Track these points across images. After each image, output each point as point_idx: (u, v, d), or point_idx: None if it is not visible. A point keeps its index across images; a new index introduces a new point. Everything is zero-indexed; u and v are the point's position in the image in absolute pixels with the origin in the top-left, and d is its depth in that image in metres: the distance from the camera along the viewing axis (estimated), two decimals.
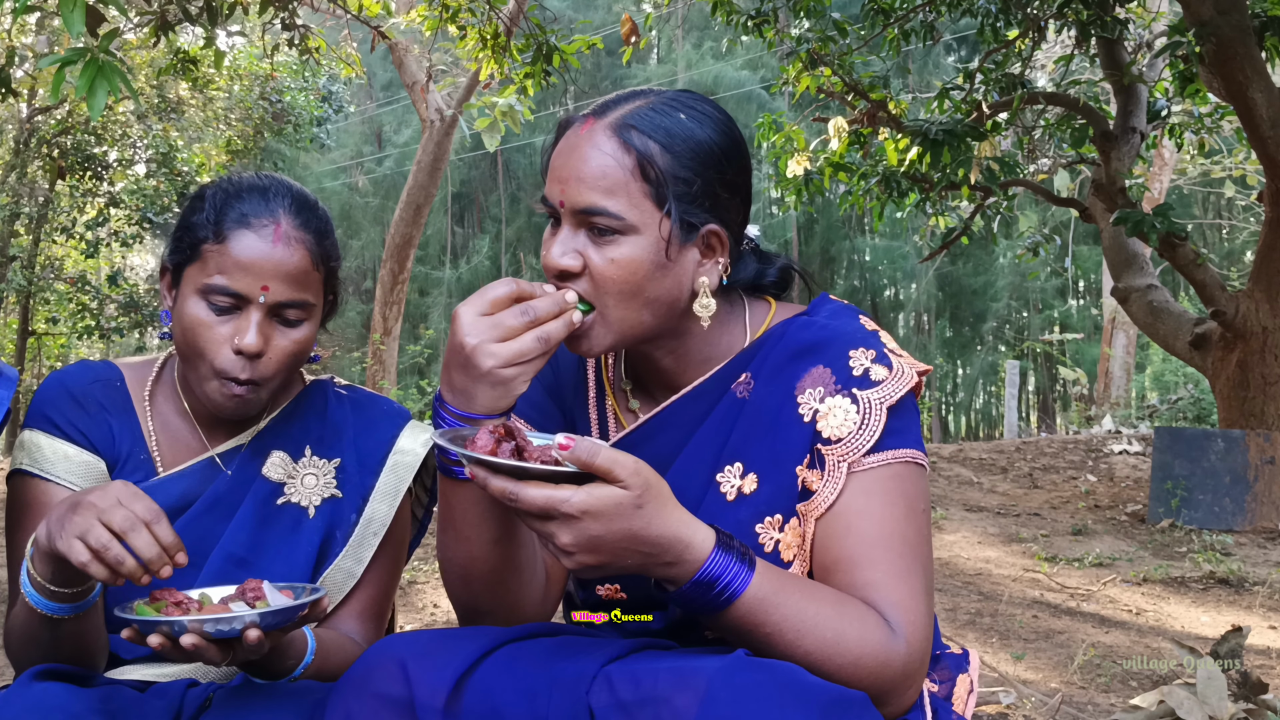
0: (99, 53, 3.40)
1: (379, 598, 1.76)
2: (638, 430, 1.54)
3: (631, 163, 1.37)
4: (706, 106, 1.46)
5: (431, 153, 13.79)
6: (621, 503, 1.16)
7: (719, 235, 1.44)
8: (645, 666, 1.22)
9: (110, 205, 14.23)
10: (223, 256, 1.58)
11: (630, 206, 1.37)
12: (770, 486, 1.42)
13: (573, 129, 1.42)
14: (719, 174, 1.42)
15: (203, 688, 1.51)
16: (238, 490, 1.69)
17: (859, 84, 7.71)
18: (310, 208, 1.67)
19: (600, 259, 1.37)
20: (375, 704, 1.24)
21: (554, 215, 1.43)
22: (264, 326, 1.59)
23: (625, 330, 1.41)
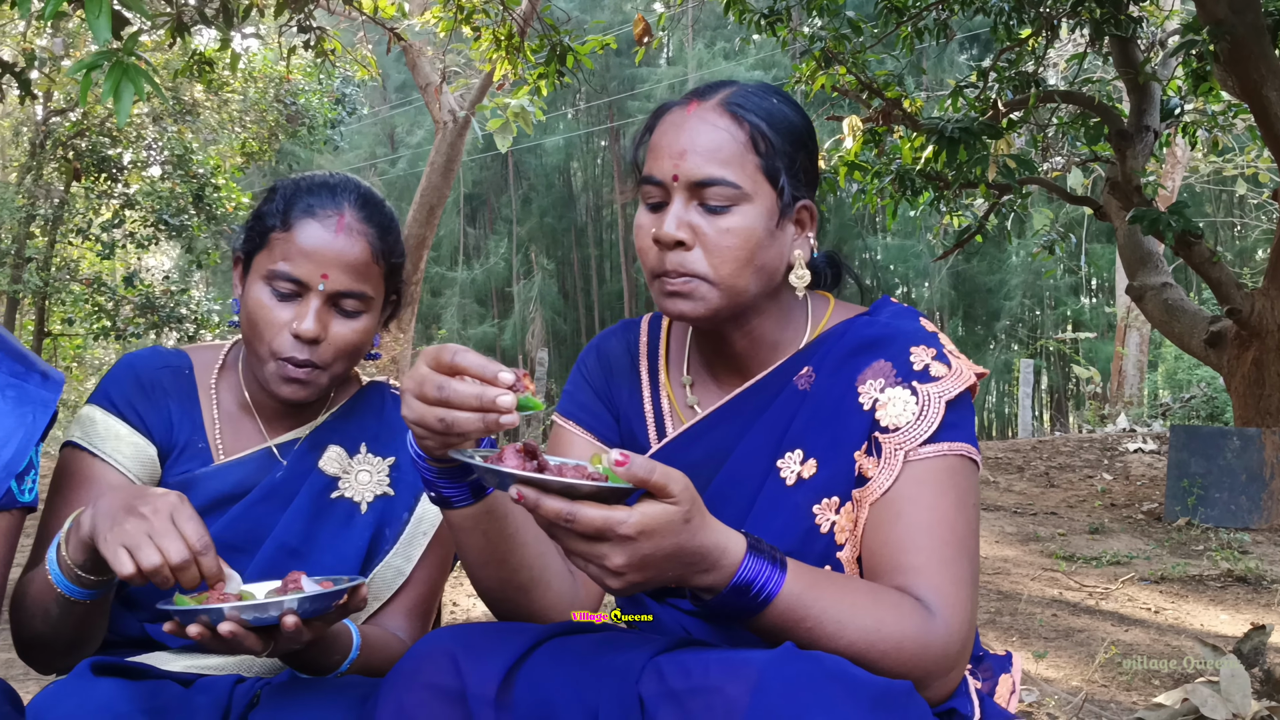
0: (124, 55, 3.43)
1: (426, 596, 1.79)
2: (698, 424, 1.58)
3: (745, 136, 1.46)
4: (788, 96, 1.56)
5: (445, 154, 13.83)
6: (673, 519, 1.17)
7: (810, 211, 1.54)
8: (694, 657, 1.24)
9: (126, 207, 14.31)
10: (288, 244, 1.64)
11: (745, 177, 1.45)
12: (828, 470, 1.46)
13: (675, 111, 1.50)
14: (807, 154, 1.52)
15: (250, 683, 1.53)
16: (294, 481, 1.73)
17: (874, 82, 7.71)
18: (375, 204, 1.72)
19: (714, 230, 1.45)
20: (427, 695, 1.26)
21: (657, 194, 1.48)
22: (322, 314, 1.64)
23: (731, 297, 1.47)
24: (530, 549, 1.45)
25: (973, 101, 8.17)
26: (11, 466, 1.47)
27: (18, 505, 1.51)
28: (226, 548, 1.64)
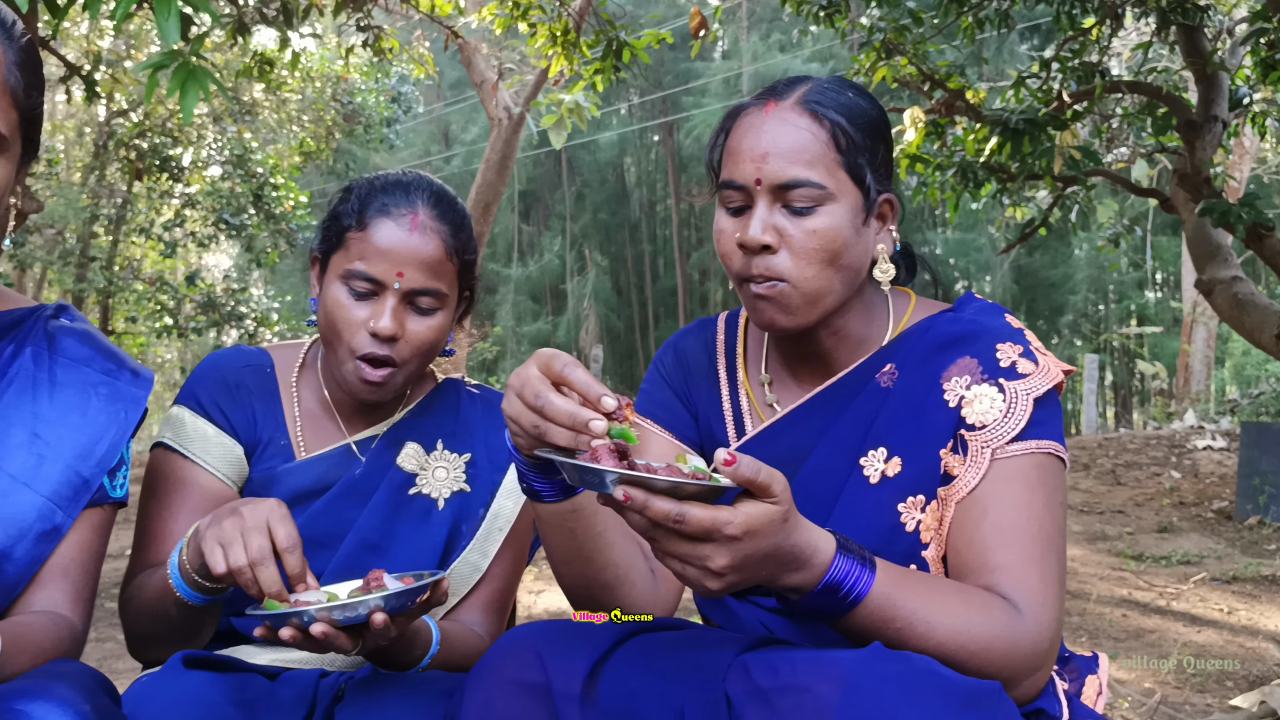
0: (190, 56, 3.46)
1: (502, 592, 1.80)
2: (779, 421, 1.57)
3: (826, 134, 1.44)
4: (859, 86, 1.54)
5: (500, 151, 13.87)
6: (774, 519, 1.16)
7: (892, 203, 1.53)
8: (781, 655, 1.23)
9: (187, 206, 14.53)
10: (364, 243, 1.66)
11: (829, 176, 1.43)
12: (913, 468, 1.44)
13: (752, 112, 1.49)
14: (886, 147, 1.50)
15: (334, 677, 1.55)
16: (373, 478, 1.75)
17: (935, 73, 7.60)
18: (448, 201, 1.73)
19: (800, 231, 1.43)
20: (512, 690, 1.26)
21: (739, 199, 1.47)
22: (398, 312, 1.66)
23: (820, 298, 1.46)
24: (617, 548, 1.44)
25: (1035, 92, 8.02)
26: (105, 463, 1.50)
27: (110, 500, 1.53)
28: (309, 543, 1.67)
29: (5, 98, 1.33)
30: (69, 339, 1.55)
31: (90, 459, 1.48)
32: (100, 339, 1.58)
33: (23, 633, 1.31)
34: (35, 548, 1.42)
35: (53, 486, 1.44)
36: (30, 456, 1.44)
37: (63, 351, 1.53)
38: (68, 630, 1.41)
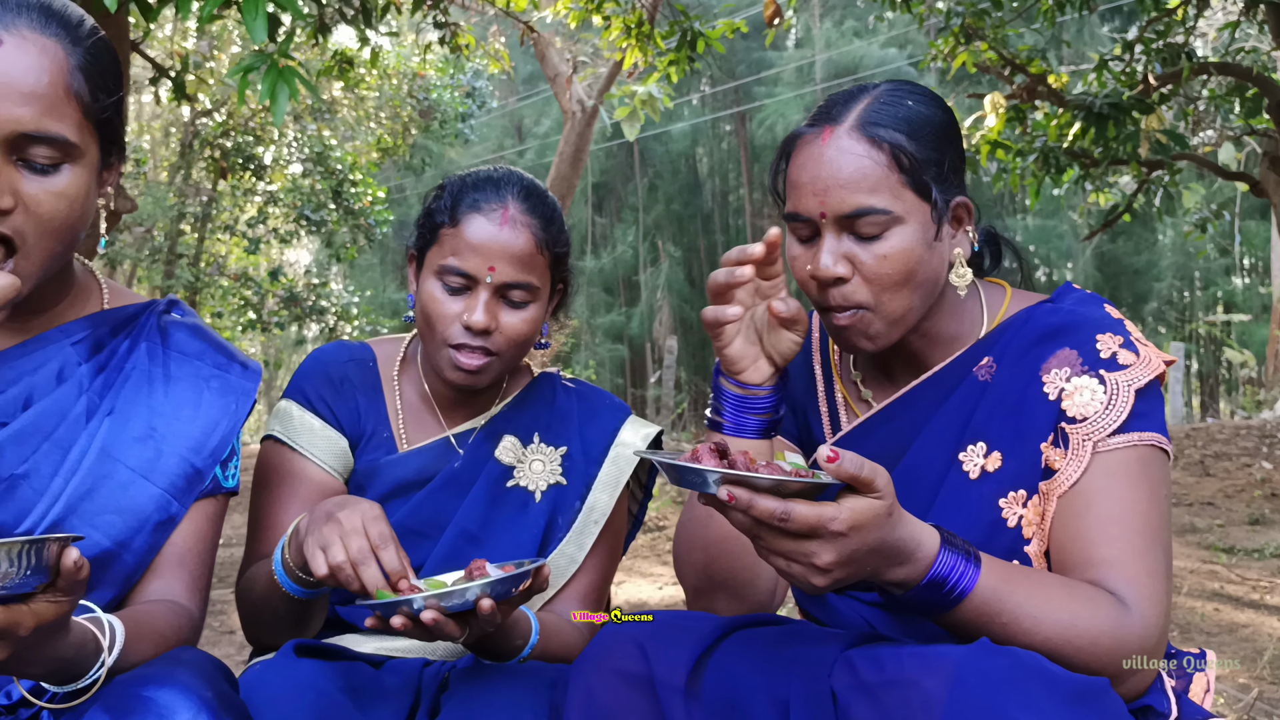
0: (279, 57, 3.54)
1: (598, 584, 1.83)
2: (875, 416, 1.57)
3: (886, 157, 1.41)
4: (922, 89, 1.51)
5: (573, 143, 13.93)
6: (879, 513, 1.16)
7: (966, 206, 1.50)
8: (887, 651, 1.23)
9: (269, 204, 14.82)
10: (456, 239, 1.69)
11: (894, 199, 1.41)
12: (1014, 463, 1.43)
13: (809, 141, 1.46)
14: (953, 148, 1.48)
15: (437, 666, 1.58)
16: (472, 470, 1.79)
17: (1016, 58, 7.48)
18: (538, 196, 1.75)
19: (871, 258, 1.42)
20: (615, 680, 1.28)
21: (805, 229, 1.46)
22: (491, 305, 1.69)
23: (901, 318, 1.45)
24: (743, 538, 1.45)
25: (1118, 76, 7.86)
26: (217, 453, 1.54)
27: (223, 490, 1.58)
28: (411, 533, 1.72)
29: (71, 103, 1.32)
30: (181, 333, 1.59)
31: (203, 451, 1.53)
32: (210, 333, 1.63)
33: (144, 620, 1.35)
34: (152, 537, 1.47)
35: (169, 478, 1.49)
36: (147, 449, 1.48)
37: (175, 346, 1.57)
38: (186, 618, 1.46)
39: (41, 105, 1.29)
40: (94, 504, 1.43)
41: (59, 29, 1.33)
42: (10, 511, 1.39)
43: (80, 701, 1.21)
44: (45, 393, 1.45)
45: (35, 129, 1.28)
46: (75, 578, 1.09)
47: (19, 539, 1.05)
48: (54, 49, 1.31)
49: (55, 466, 1.43)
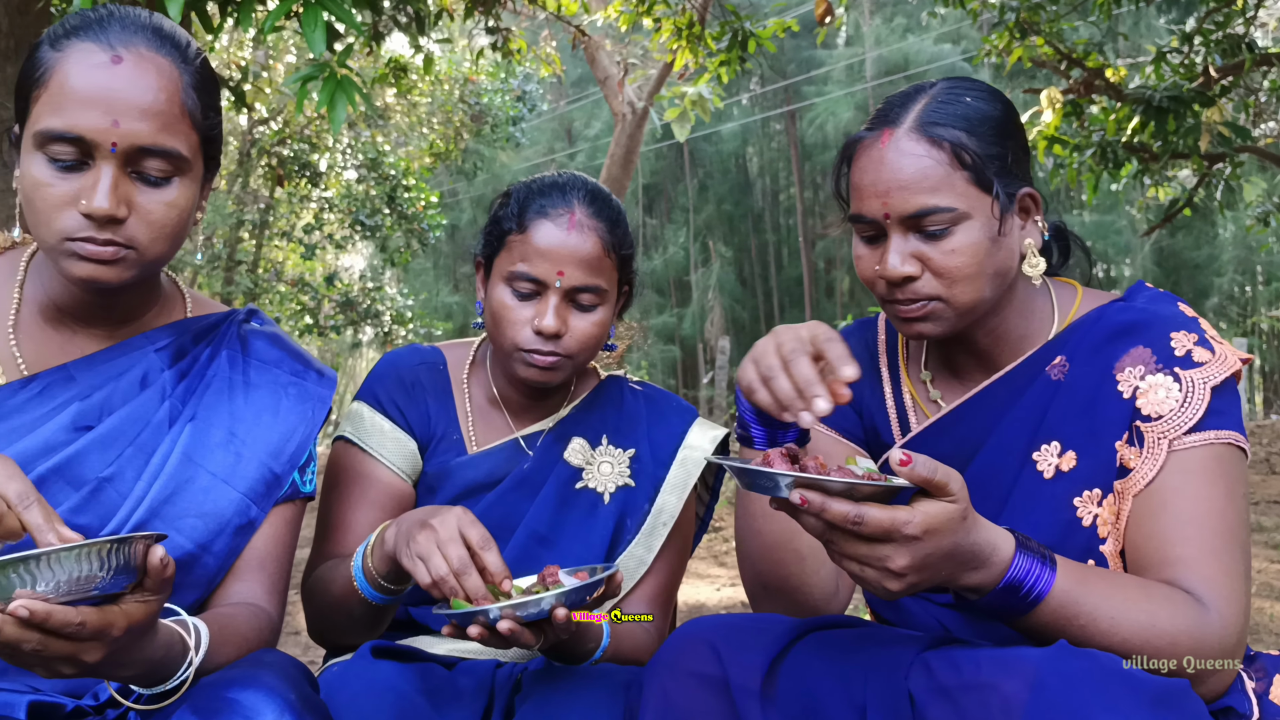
0: (337, 68, 3.59)
1: (667, 585, 1.84)
2: (945, 417, 1.57)
3: (947, 156, 1.42)
4: (978, 84, 1.51)
5: (624, 145, 13.95)
6: (953, 517, 1.16)
7: (1032, 196, 1.50)
8: (964, 653, 1.23)
9: (325, 210, 15.00)
10: (525, 245, 1.72)
11: (958, 197, 1.41)
12: (1089, 462, 1.43)
13: (869, 145, 1.47)
14: (1015, 140, 1.48)
15: (509, 668, 1.60)
16: (541, 471, 1.81)
17: (1072, 52, 7.38)
18: (603, 199, 1.78)
19: (939, 255, 1.43)
20: (690, 682, 1.29)
21: (870, 230, 1.48)
22: (561, 309, 1.71)
23: (971, 308, 1.46)
24: (807, 538, 1.46)
25: (1176, 68, 7.72)
26: (295, 459, 1.58)
27: (300, 496, 1.62)
28: None
29: (184, 120, 1.39)
30: (260, 341, 1.64)
31: (282, 456, 1.56)
32: (288, 341, 1.67)
33: (227, 623, 1.39)
34: (232, 540, 1.51)
35: (249, 483, 1.53)
36: (228, 454, 1.52)
37: (255, 354, 1.62)
38: (266, 620, 1.49)
39: (159, 121, 1.36)
40: (176, 507, 1.47)
41: (172, 49, 1.40)
42: (96, 514, 1.43)
43: (168, 703, 1.24)
44: (129, 398, 1.50)
45: (153, 143, 1.36)
46: (162, 576, 1.12)
47: (106, 539, 1.07)
48: (169, 68, 1.39)
49: (139, 470, 1.47)
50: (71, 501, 1.42)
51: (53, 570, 1.05)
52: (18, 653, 1.06)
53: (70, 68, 1.34)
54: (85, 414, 1.46)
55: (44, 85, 1.35)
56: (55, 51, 1.36)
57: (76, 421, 1.45)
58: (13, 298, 1.49)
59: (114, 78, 1.34)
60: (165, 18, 1.45)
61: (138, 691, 1.25)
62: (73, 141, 1.33)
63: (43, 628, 1.04)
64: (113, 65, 1.35)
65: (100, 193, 1.32)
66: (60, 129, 1.33)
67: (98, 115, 1.33)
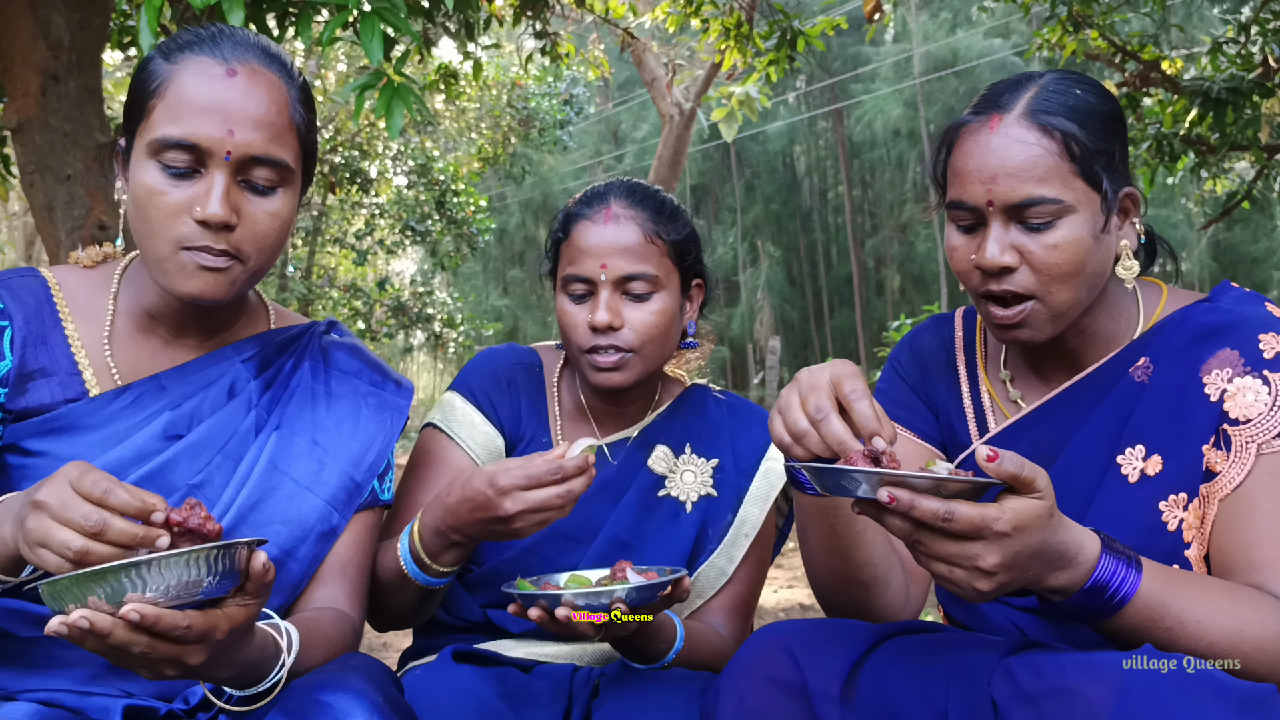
0: (394, 75, 3.63)
1: (747, 596, 1.84)
2: (1026, 417, 1.55)
3: (1057, 146, 1.39)
4: (1086, 78, 1.48)
5: (672, 147, 13.96)
6: (1041, 514, 1.15)
7: (1133, 197, 1.48)
8: (1047, 658, 1.22)
9: (376, 216, 15.15)
10: (571, 249, 1.75)
11: (1065, 189, 1.39)
12: (1175, 466, 1.41)
13: (975, 129, 1.44)
14: (1120, 138, 1.45)
15: (586, 671, 1.61)
16: (625, 478, 1.82)
17: (1127, 45, 7.29)
18: (643, 191, 1.80)
19: (1040, 248, 1.40)
20: (767, 688, 1.29)
21: (969, 218, 1.45)
22: (612, 302, 1.73)
23: (1066, 311, 1.44)
24: (877, 547, 1.45)
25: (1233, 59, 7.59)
26: (375, 468, 1.61)
27: (380, 503, 1.65)
28: (564, 538, 1.76)
29: (291, 133, 1.46)
30: (340, 353, 1.67)
31: (362, 465, 1.59)
32: (366, 352, 1.71)
33: (315, 627, 1.42)
34: (315, 547, 1.54)
35: (331, 491, 1.56)
36: (311, 463, 1.56)
37: (335, 365, 1.65)
38: (349, 624, 1.52)
39: (271, 132, 1.42)
40: (263, 514, 1.50)
41: (280, 66, 1.47)
42: None
43: (259, 705, 1.27)
44: (217, 407, 1.54)
45: (264, 153, 1.42)
46: (263, 580, 1.16)
47: (213, 545, 1.11)
48: (278, 83, 1.45)
49: (227, 478, 1.50)
50: None
51: (162, 575, 1.08)
52: (125, 654, 1.09)
53: (187, 79, 1.40)
54: (176, 423, 1.50)
55: (160, 95, 1.41)
56: (170, 64, 1.42)
57: (167, 430, 1.49)
58: (108, 309, 1.53)
59: (230, 89, 1.40)
60: (268, 39, 1.50)
61: (229, 693, 1.28)
62: (188, 149, 1.38)
63: (151, 631, 1.08)
64: (228, 77, 1.41)
65: (214, 199, 1.38)
66: (177, 136, 1.38)
67: (214, 124, 1.38)
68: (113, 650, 1.09)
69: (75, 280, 1.55)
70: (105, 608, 1.07)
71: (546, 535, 1.76)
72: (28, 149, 4.76)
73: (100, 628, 1.05)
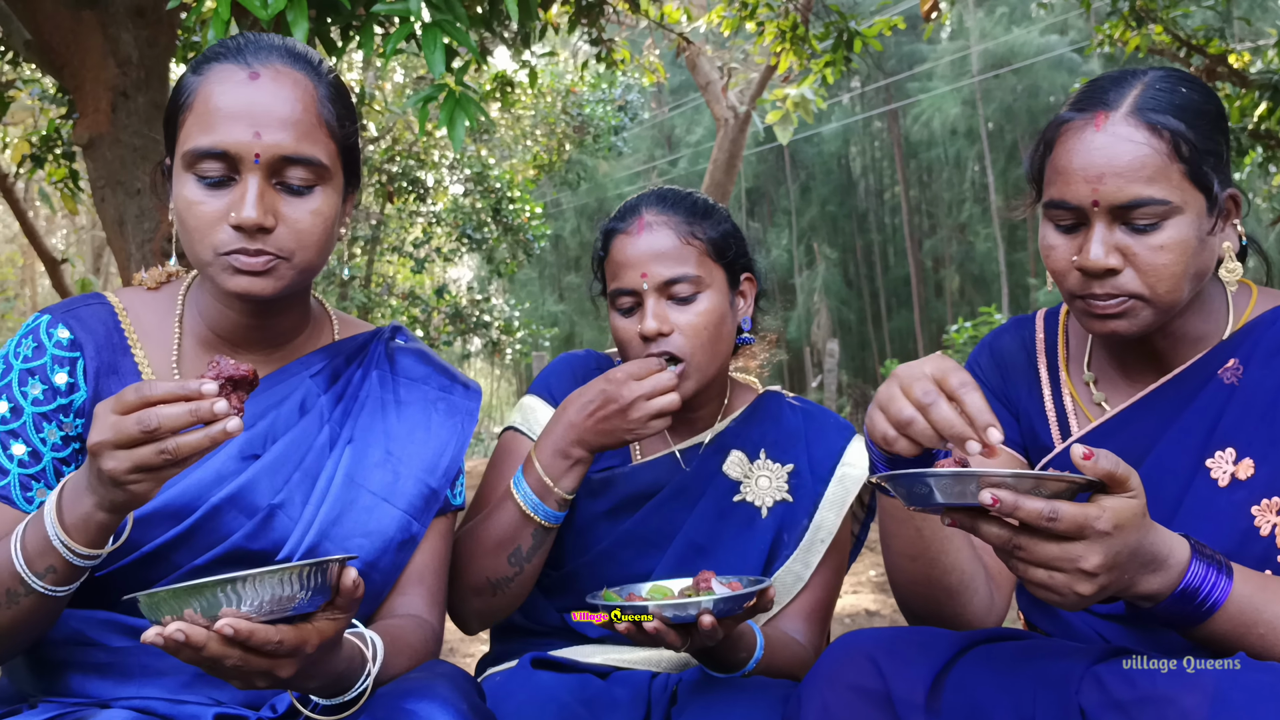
0: (456, 86, 3.67)
1: (824, 602, 1.83)
2: (1111, 420, 1.53)
3: (1166, 146, 1.36)
4: (1192, 77, 1.45)
5: (727, 150, 13.94)
6: (1136, 513, 1.13)
7: (1235, 198, 1.45)
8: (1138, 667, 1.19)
9: (433, 224, 15.30)
10: (612, 264, 1.77)
11: (1172, 190, 1.36)
12: (1268, 470, 1.38)
13: (1080, 127, 1.41)
14: (1225, 139, 1.42)
15: (664, 678, 1.62)
16: (700, 483, 1.82)
17: (1192, 38, 7.15)
18: (675, 195, 1.80)
19: (1145, 249, 1.37)
20: (850, 696, 1.28)
21: (1070, 218, 1.42)
22: (658, 310, 1.72)
23: (1166, 311, 1.41)
24: (963, 554, 1.44)
25: None
26: (449, 474, 1.62)
27: (452, 509, 1.66)
28: (641, 542, 1.77)
29: (322, 129, 1.45)
30: (407, 359, 1.68)
31: (436, 471, 1.60)
32: (433, 357, 1.71)
33: (398, 635, 1.43)
34: (396, 556, 1.55)
35: (408, 500, 1.56)
36: (386, 473, 1.56)
37: (403, 372, 1.66)
38: (430, 631, 1.53)
39: (298, 130, 1.42)
40: (343, 528, 1.51)
41: (305, 64, 1.47)
42: (269, 540, 1.48)
43: (347, 715, 1.29)
44: (291, 424, 1.54)
45: (294, 152, 1.41)
46: (353, 595, 1.18)
47: (306, 562, 1.14)
48: (304, 80, 1.45)
49: (306, 495, 1.51)
50: (246, 529, 1.46)
51: (256, 591, 1.11)
52: (219, 666, 1.12)
53: (212, 88, 1.41)
54: (251, 442, 1.51)
55: (189, 108, 1.43)
56: (197, 76, 1.44)
57: (244, 450, 1.50)
58: (174, 332, 1.55)
59: (253, 91, 1.41)
60: (296, 41, 1.51)
61: (315, 701, 1.30)
62: (219, 157, 1.39)
63: (245, 645, 1.10)
64: (251, 81, 1.41)
65: (248, 203, 1.38)
66: (206, 145, 1.39)
67: (240, 128, 1.39)
68: (206, 662, 1.11)
69: (141, 304, 1.56)
70: (201, 621, 1.10)
71: (623, 540, 1.77)
72: (99, 164, 4.88)
73: (195, 640, 1.08)
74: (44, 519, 1.24)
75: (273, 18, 3.15)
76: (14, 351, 1.46)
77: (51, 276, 9.69)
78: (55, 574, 1.25)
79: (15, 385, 1.44)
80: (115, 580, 1.41)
